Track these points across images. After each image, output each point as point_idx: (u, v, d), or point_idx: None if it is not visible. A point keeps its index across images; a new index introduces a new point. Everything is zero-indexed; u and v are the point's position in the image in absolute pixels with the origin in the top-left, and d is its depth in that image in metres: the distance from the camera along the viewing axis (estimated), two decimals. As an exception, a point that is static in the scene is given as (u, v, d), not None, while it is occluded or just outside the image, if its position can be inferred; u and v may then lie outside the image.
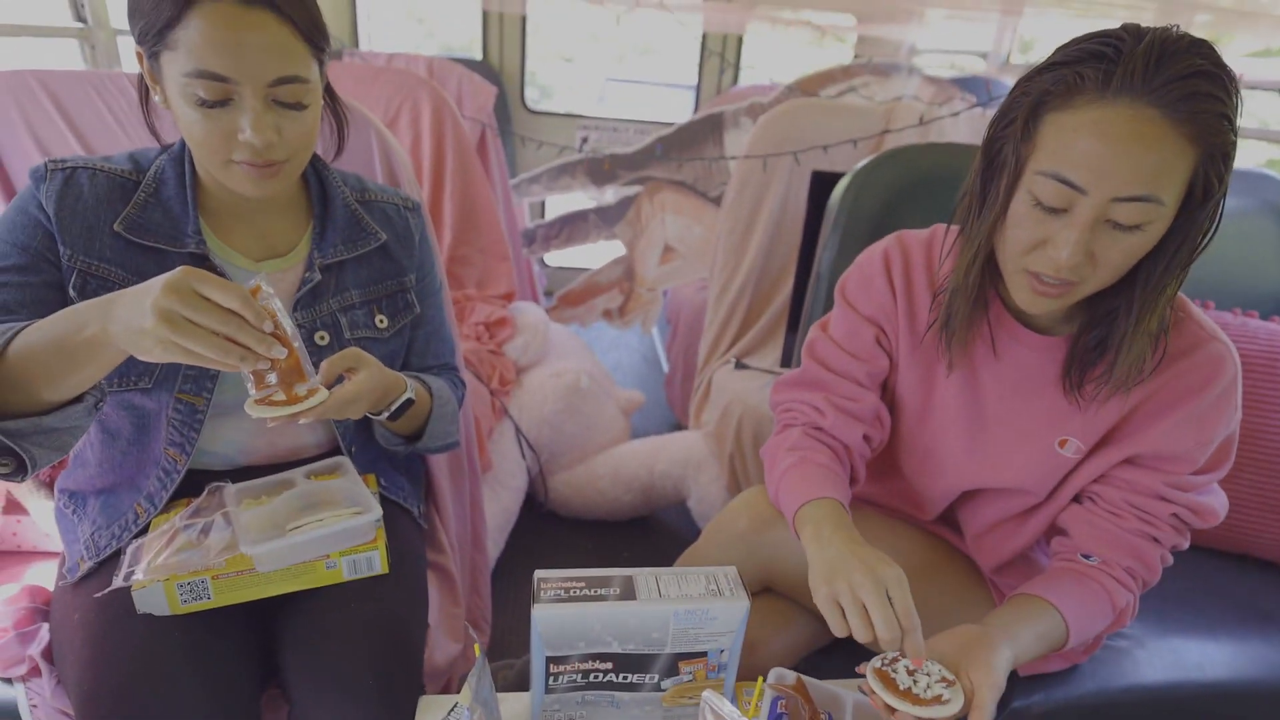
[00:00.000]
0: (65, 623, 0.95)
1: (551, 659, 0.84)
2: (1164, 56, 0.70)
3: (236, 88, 0.84)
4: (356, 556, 0.97)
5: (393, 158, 1.39)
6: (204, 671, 0.87)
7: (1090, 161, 0.72)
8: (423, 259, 1.15)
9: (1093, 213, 0.74)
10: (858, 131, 2.10)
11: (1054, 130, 0.75)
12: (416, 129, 2.22)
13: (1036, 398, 0.95)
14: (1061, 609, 0.89)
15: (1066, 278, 0.78)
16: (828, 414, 1.01)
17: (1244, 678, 1.13)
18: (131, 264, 0.94)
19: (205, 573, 0.90)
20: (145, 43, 0.85)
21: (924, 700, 0.77)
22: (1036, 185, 0.77)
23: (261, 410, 0.84)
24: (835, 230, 1.42)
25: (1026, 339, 0.93)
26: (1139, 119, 0.70)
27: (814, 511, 0.90)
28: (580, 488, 2.23)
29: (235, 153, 0.88)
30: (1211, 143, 0.72)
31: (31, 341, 0.75)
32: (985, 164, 0.84)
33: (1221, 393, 0.89)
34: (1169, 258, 0.78)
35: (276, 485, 1.01)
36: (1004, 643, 0.83)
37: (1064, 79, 0.74)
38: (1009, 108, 0.80)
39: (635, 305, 3.03)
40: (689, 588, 0.85)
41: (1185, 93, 0.69)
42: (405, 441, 1.12)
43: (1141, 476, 0.93)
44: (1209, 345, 0.89)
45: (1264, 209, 1.54)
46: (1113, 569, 0.93)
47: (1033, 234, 0.79)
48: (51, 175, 0.92)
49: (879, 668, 0.81)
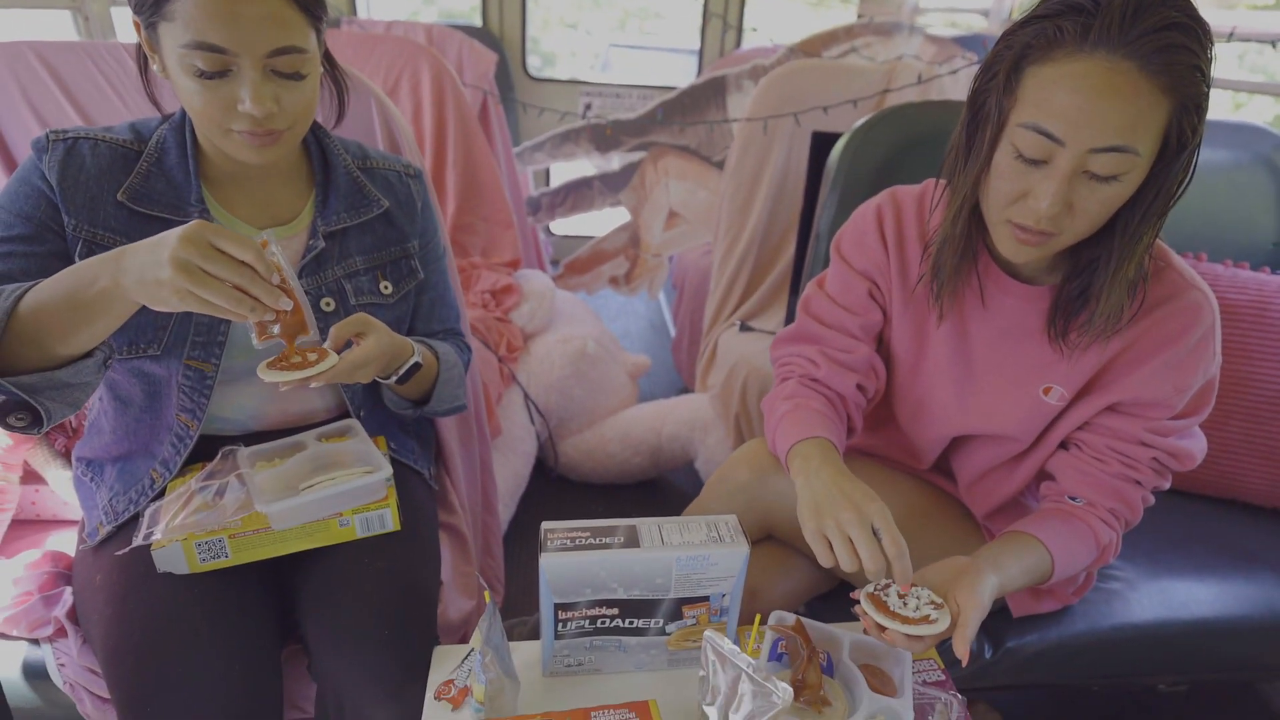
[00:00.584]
0: (88, 584, 0.98)
1: (560, 605, 0.87)
2: (1140, 9, 0.71)
3: (234, 59, 0.84)
4: (369, 514, 0.99)
5: (393, 125, 1.40)
6: (224, 627, 0.91)
7: (1068, 114, 0.74)
8: (425, 225, 1.16)
9: (1071, 164, 0.76)
10: (858, 92, 2.09)
11: (1034, 83, 0.76)
12: (417, 97, 2.22)
13: (1022, 347, 0.97)
14: (1047, 544, 0.92)
15: (1046, 228, 0.80)
16: (821, 365, 1.03)
17: (1228, 614, 1.17)
18: (135, 233, 0.94)
19: (222, 531, 0.93)
20: (142, 12, 0.85)
21: (912, 620, 0.81)
22: (1018, 137, 0.78)
23: (273, 374, 0.87)
24: (834, 190, 1.43)
25: (1013, 289, 0.95)
26: (1115, 71, 0.72)
27: (805, 448, 0.94)
28: (589, 451, 2.26)
29: (235, 122, 0.88)
30: (1185, 94, 0.73)
31: (43, 298, 0.77)
32: (970, 116, 0.85)
33: (1199, 340, 0.91)
34: (1145, 207, 0.80)
35: (289, 448, 1.04)
36: (990, 571, 0.86)
37: (1044, 32, 0.75)
38: (992, 61, 0.82)
39: (641, 271, 3.04)
40: (690, 535, 0.87)
41: (1160, 45, 0.70)
42: (413, 405, 1.15)
43: (1123, 423, 0.95)
44: (1187, 293, 0.90)
45: (1256, 161, 1.55)
46: (1097, 509, 0.96)
47: (1015, 185, 0.80)
48: (53, 146, 0.93)
49: (872, 592, 0.85)
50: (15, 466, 1.23)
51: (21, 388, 0.77)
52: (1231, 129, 1.57)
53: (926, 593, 0.84)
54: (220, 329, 1.00)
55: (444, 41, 2.89)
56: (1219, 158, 1.55)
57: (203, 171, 1.00)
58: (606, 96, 3.75)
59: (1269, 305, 1.38)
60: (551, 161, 3.07)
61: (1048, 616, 1.13)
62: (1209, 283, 1.39)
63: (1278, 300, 1.39)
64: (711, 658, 0.76)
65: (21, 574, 1.08)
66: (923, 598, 0.84)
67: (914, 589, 0.85)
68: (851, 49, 2.70)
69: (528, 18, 3.68)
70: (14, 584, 1.07)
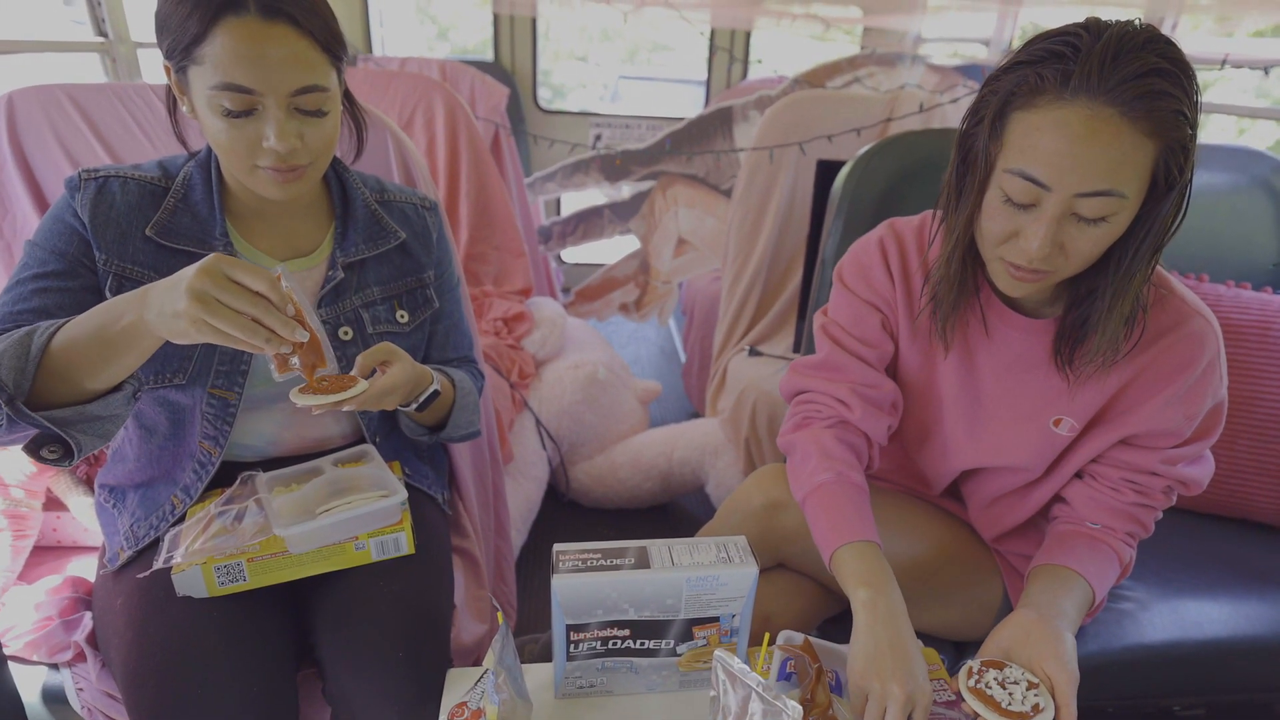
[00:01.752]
0: (108, 608, 0.99)
1: (571, 627, 0.87)
2: (1120, 55, 0.71)
3: (260, 99, 0.88)
4: (384, 538, 1.00)
5: (408, 159, 1.43)
6: (241, 650, 0.91)
7: (1053, 159, 0.74)
8: (441, 256, 1.19)
9: (1058, 208, 0.76)
10: (862, 120, 2.11)
11: (1019, 129, 0.77)
12: (431, 131, 2.25)
13: (1029, 378, 0.97)
14: (1087, 576, 0.92)
15: (1040, 267, 0.81)
16: (854, 407, 1.01)
17: (1242, 634, 1.16)
18: (163, 266, 0.97)
19: (240, 555, 0.94)
20: (173, 58, 0.89)
21: (1026, 714, 0.78)
22: (1006, 182, 0.79)
23: (306, 398, 0.89)
24: (839, 217, 1.44)
25: (1017, 322, 0.95)
26: (1097, 118, 0.72)
27: (863, 567, 0.89)
28: (601, 476, 2.27)
29: (260, 159, 0.91)
30: (1169, 137, 0.73)
31: (74, 335, 0.80)
32: (960, 159, 0.86)
33: (1205, 367, 0.91)
34: (1137, 245, 0.80)
35: (306, 473, 1.05)
36: (1063, 627, 0.84)
37: (1026, 79, 0.76)
38: (979, 105, 0.83)
39: (651, 298, 3.06)
40: (700, 556, 0.88)
41: (1141, 91, 0.71)
42: (429, 431, 1.16)
43: (1136, 456, 0.96)
44: (1191, 321, 0.90)
45: (1255, 184, 1.56)
46: (1117, 533, 0.97)
47: (1004, 227, 0.81)
48: (85, 184, 0.96)
49: (973, 687, 0.81)
50: (38, 494, 1.25)
51: (54, 421, 0.79)
52: (1230, 153, 1.59)
53: (1021, 672, 0.82)
54: (243, 358, 1.02)
55: (457, 77, 2.94)
56: (1219, 181, 1.56)
57: (227, 206, 1.03)
58: (616, 127, 3.80)
59: (1272, 325, 1.38)
60: (562, 191, 3.11)
61: (1061, 637, 1.12)
62: (1211, 304, 1.41)
63: (1280, 320, 1.39)
64: (722, 677, 0.77)
65: (43, 599, 1.10)
66: (1020, 680, 0.81)
67: (1007, 668, 0.82)
68: (855, 79, 2.74)
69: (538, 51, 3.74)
70: (35, 609, 1.08)
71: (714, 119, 2.77)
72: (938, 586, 1.10)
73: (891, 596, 0.87)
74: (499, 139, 2.76)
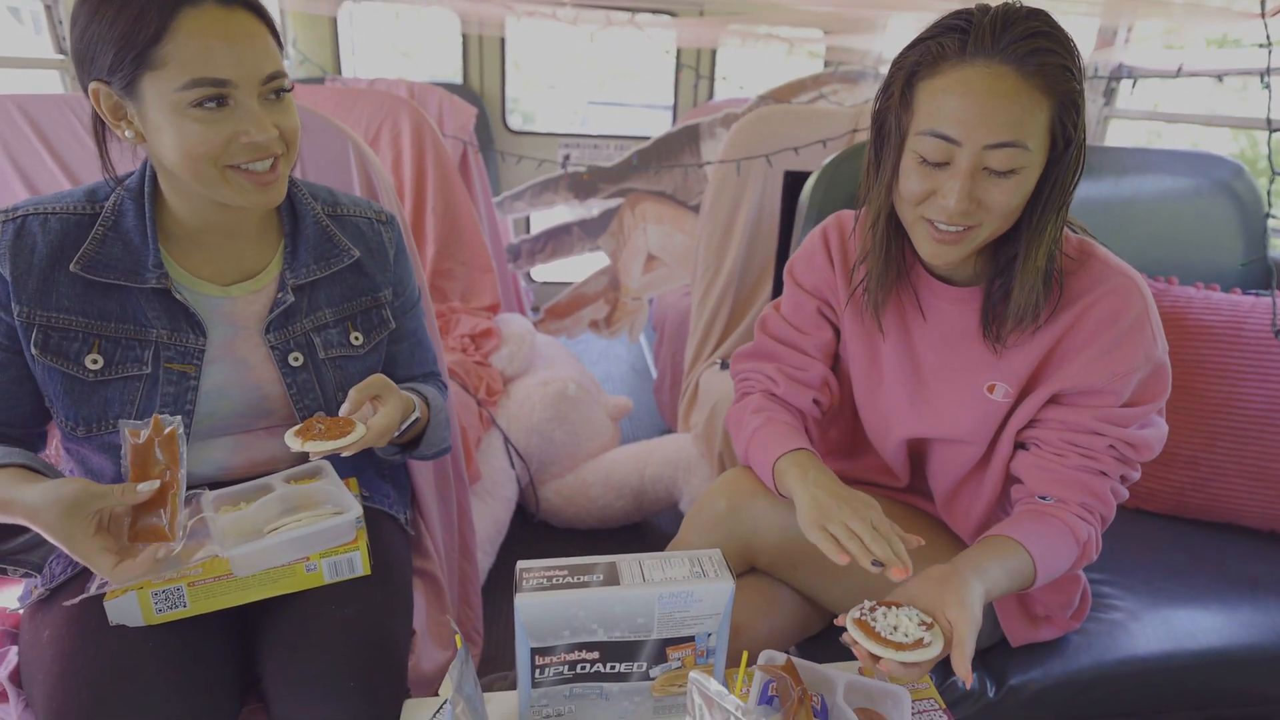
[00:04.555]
0: (34, 641, 0.90)
1: (536, 650, 0.80)
2: (1007, 22, 0.79)
3: (233, 90, 0.83)
4: (337, 558, 0.93)
5: (370, 170, 1.37)
6: (179, 682, 0.83)
7: (960, 115, 0.81)
8: (399, 273, 1.11)
9: (969, 161, 0.82)
10: (827, 132, 2.09)
11: (926, 95, 0.84)
12: (397, 147, 2.21)
13: (962, 348, 1.00)
14: (1026, 545, 0.90)
15: (960, 223, 0.85)
16: (780, 382, 1.08)
17: (1238, 644, 1.12)
18: (92, 307, 0.90)
19: (180, 580, 0.86)
20: (119, 70, 0.81)
21: (906, 645, 0.76)
22: (919, 144, 0.84)
23: (306, 445, 0.87)
24: (807, 225, 1.41)
25: (946, 293, 0.99)
26: (994, 75, 0.79)
27: (793, 459, 0.97)
28: (571, 496, 2.19)
29: (237, 157, 0.86)
30: (1060, 91, 0.80)
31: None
32: (875, 134, 0.92)
33: (1132, 324, 0.91)
34: (1044, 200, 0.86)
35: (255, 490, 0.97)
36: (974, 578, 0.84)
37: (929, 50, 0.83)
38: (888, 82, 0.89)
39: (621, 314, 3.01)
40: (673, 571, 0.82)
41: (1029, 49, 0.78)
42: (400, 450, 1.10)
43: (1071, 414, 0.95)
44: (1112, 279, 0.92)
45: (1216, 189, 1.58)
46: (1069, 505, 0.95)
47: (922, 186, 0.86)
48: (3, 228, 0.89)
49: (858, 618, 0.80)
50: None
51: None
52: (1192, 158, 1.59)
53: (914, 612, 0.81)
54: (188, 397, 0.95)
55: (425, 96, 2.91)
56: (1183, 186, 1.57)
57: (164, 231, 0.95)
58: (584, 148, 3.77)
59: (1244, 325, 1.37)
60: (531, 210, 3.07)
61: (1050, 650, 1.08)
62: (1183, 307, 1.40)
63: (1252, 319, 1.37)
64: (698, 701, 0.70)
65: (-38, 634, 1.00)
66: (912, 619, 0.79)
67: (901, 609, 0.81)
68: (820, 96, 2.74)
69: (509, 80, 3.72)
70: (-44, 644, 0.98)
71: (681, 136, 2.75)
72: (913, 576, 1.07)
73: (820, 469, 0.95)
74: (467, 157, 2.73)
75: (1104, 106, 2.21)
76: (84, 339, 0.90)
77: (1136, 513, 1.45)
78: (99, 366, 0.91)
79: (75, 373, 0.90)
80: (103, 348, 0.91)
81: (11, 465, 0.85)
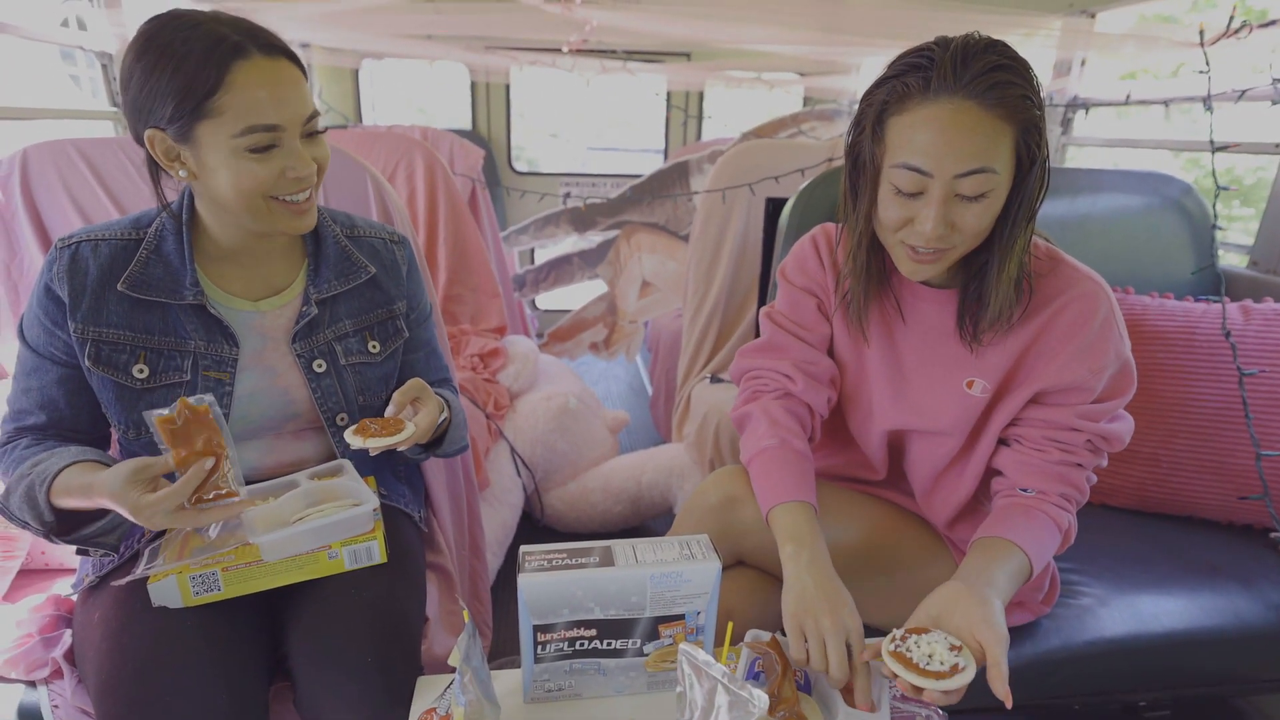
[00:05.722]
0: (86, 622, 0.93)
1: (538, 628, 0.81)
2: (967, 58, 0.79)
3: (282, 134, 0.86)
4: (357, 546, 0.94)
5: (386, 200, 1.40)
6: (215, 658, 0.85)
7: (929, 149, 0.81)
8: (412, 287, 1.14)
9: (941, 190, 0.82)
10: (805, 163, 2.13)
11: (896, 130, 0.84)
12: (412, 184, 2.25)
13: (941, 346, 1.00)
14: (1021, 544, 0.89)
15: (936, 245, 0.85)
16: (797, 380, 1.03)
17: (1198, 626, 1.12)
18: (138, 322, 0.93)
19: (215, 565, 0.88)
20: (177, 120, 0.84)
21: (944, 673, 0.74)
22: (894, 176, 0.85)
23: (367, 441, 0.91)
24: (786, 244, 1.43)
25: (926, 295, 0.99)
26: (959, 110, 0.79)
27: (790, 521, 0.92)
28: (573, 502, 2.20)
29: (282, 190, 0.89)
30: (1021, 119, 0.80)
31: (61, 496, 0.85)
32: (851, 166, 0.92)
33: (1102, 323, 0.92)
34: (1014, 216, 0.86)
35: (282, 486, 0.99)
36: (991, 594, 0.82)
37: (895, 89, 0.83)
38: (860, 117, 0.89)
39: (619, 337, 3.02)
40: (664, 553, 0.82)
41: (989, 84, 0.78)
42: (423, 449, 1.11)
43: (1052, 413, 0.95)
44: (1081, 284, 0.93)
45: (1167, 205, 1.60)
46: (1050, 497, 0.94)
47: (899, 214, 0.86)
48: (60, 254, 0.92)
49: (893, 650, 0.77)
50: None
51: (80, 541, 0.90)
52: (1144, 178, 1.61)
53: (942, 636, 0.78)
54: (224, 402, 0.97)
55: (437, 140, 2.98)
56: (1136, 203, 1.59)
57: (201, 251, 0.98)
58: (583, 185, 3.83)
59: (1196, 329, 1.38)
60: (535, 243, 3.10)
61: (1023, 634, 1.08)
62: (1140, 314, 1.42)
63: (1204, 324, 1.38)
64: (687, 670, 0.70)
65: (24, 617, 1.02)
66: (941, 644, 0.77)
67: (929, 634, 0.78)
68: (799, 132, 2.77)
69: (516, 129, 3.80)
70: (16, 626, 1.00)
71: (672, 172, 2.78)
72: (892, 576, 1.06)
73: (815, 548, 0.89)
74: (475, 194, 2.77)
75: (1061, 135, 2.24)
76: (131, 351, 0.93)
77: (1103, 508, 1.45)
78: (145, 375, 0.93)
79: (125, 381, 0.93)
80: (148, 358, 0.94)
81: (87, 460, 0.87)
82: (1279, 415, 1.31)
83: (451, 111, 3.91)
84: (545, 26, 2.63)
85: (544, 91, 4.41)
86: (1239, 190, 1.52)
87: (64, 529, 0.88)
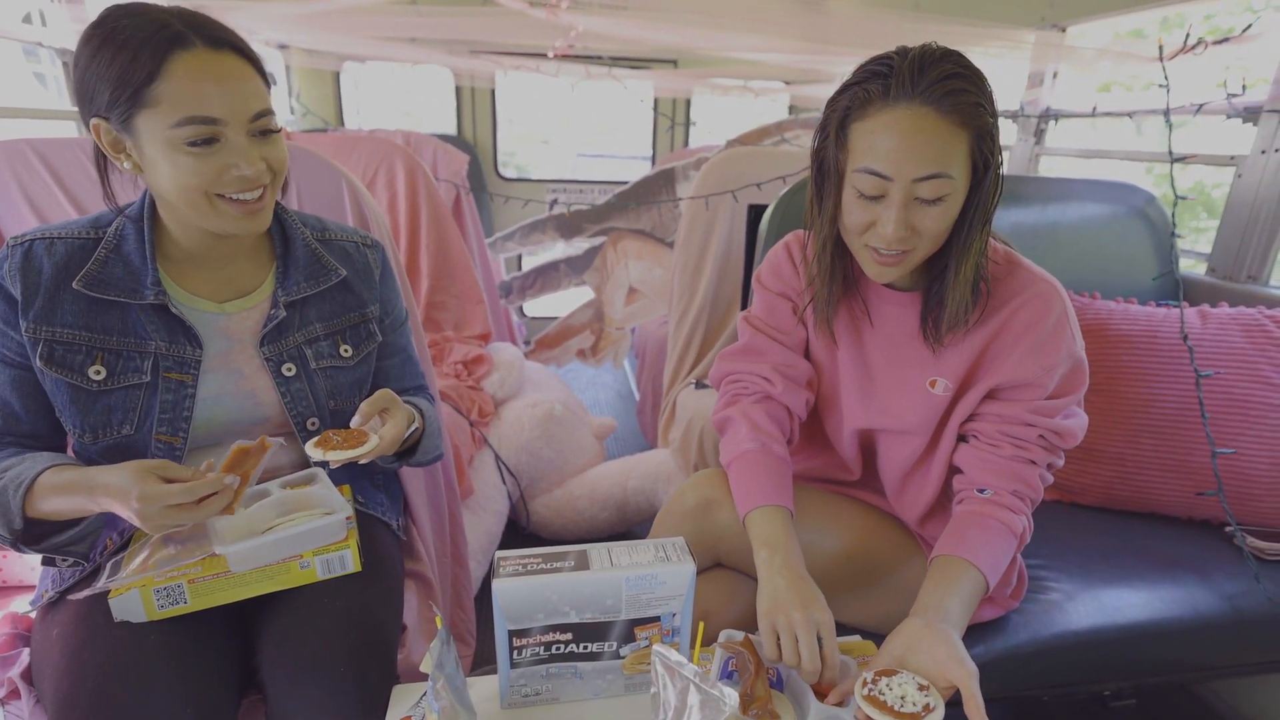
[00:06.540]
0: (45, 639, 0.90)
1: (514, 633, 0.81)
2: (924, 66, 0.82)
3: (223, 128, 0.84)
4: (329, 556, 0.93)
5: (363, 205, 1.39)
6: (181, 674, 0.83)
7: (890, 154, 0.83)
8: (385, 292, 1.13)
9: (901, 194, 0.85)
10: (787, 170, 2.14)
11: (858, 135, 0.86)
12: (393, 189, 2.24)
13: (906, 348, 1.03)
14: (975, 562, 0.90)
15: (898, 248, 0.88)
16: (776, 382, 1.06)
17: (1157, 617, 1.15)
18: (95, 322, 0.91)
19: (181, 577, 0.86)
20: (116, 108, 0.83)
21: (918, 715, 0.75)
22: (856, 180, 0.87)
23: (328, 454, 0.89)
24: (765, 251, 1.44)
25: (891, 297, 1.02)
26: (916, 115, 0.82)
27: (766, 525, 0.94)
28: (560, 509, 2.19)
29: (226, 188, 0.87)
30: (976, 125, 0.83)
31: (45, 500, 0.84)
32: (816, 170, 0.94)
33: (1055, 323, 0.95)
34: (969, 220, 0.89)
35: (253, 496, 0.97)
36: (949, 628, 0.83)
37: (857, 95, 0.86)
38: (824, 123, 0.91)
39: (606, 343, 3.03)
40: (639, 556, 0.83)
41: (945, 90, 0.81)
42: (398, 458, 1.10)
43: (1006, 408, 0.98)
44: (1036, 285, 0.96)
45: (1132, 214, 1.65)
46: (1003, 497, 0.96)
47: (862, 218, 0.89)
48: (11, 252, 0.90)
49: (867, 695, 0.78)
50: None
51: (50, 549, 0.89)
52: (1110, 187, 1.65)
53: (910, 677, 0.79)
54: (185, 406, 0.96)
55: (419, 145, 2.96)
56: (1102, 212, 1.63)
57: (163, 253, 0.96)
58: (570, 192, 3.83)
59: (1158, 333, 1.40)
60: (521, 249, 3.10)
61: (992, 629, 1.09)
62: (1104, 319, 1.44)
63: (1165, 328, 1.41)
64: (661, 671, 0.71)
65: (-20, 636, 0.99)
66: (909, 684, 0.78)
67: (898, 676, 0.79)
68: (783, 140, 2.79)
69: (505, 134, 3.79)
70: (-30, 647, 0.98)
71: (658, 179, 2.79)
72: (868, 576, 1.08)
73: (788, 552, 0.91)
74: (459, 199, 2.76)
75: (1035, 145, 2.27)
76: (87, 351, 0.90)
77: (1071, 506, 1.48)
78: (102, 377, 0.91)
79: (80, 383, 0.90)
80: (106, 359, 0.91)
81: (64, 464, 0.86)
82: (1234, 415, 1.34)
83: (438, 117, 3.91)
84: (530, 31, 2.64)
85: (532, 97, 4.42)
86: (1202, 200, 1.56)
87: (31, 537, 0.87)
